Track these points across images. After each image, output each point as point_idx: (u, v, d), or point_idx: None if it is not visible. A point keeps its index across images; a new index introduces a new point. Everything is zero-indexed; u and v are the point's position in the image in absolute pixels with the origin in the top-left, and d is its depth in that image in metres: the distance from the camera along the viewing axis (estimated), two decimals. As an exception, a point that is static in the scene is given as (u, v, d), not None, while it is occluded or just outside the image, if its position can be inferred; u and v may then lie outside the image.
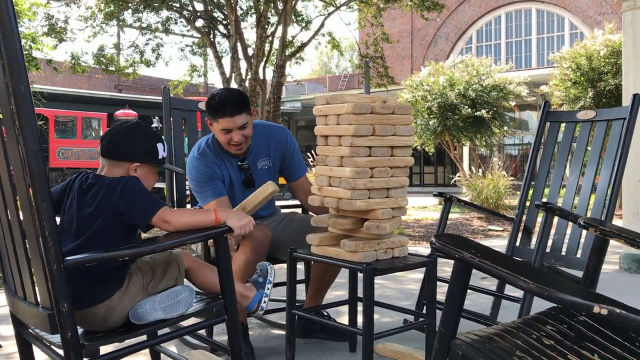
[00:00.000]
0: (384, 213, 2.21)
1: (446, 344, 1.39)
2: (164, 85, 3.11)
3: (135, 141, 1.82)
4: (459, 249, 1.31)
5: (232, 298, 1.77)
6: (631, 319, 1.04)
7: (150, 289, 1.73)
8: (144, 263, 1.76)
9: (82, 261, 1.55)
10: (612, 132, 2.72)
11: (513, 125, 14.63)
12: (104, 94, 20.14)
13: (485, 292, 2.85)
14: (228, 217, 1.76)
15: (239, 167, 2.71)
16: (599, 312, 1.07)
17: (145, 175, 1.82)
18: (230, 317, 1.76)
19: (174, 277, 1.79)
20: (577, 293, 1.16)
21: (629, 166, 4.71)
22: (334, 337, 2.78)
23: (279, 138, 2.80)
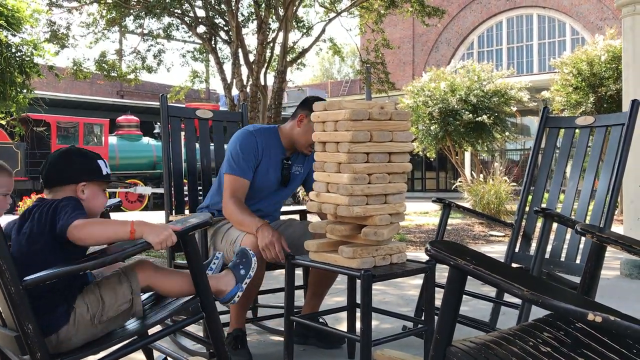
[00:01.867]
0: (382, 219, 2.21)
1: (442, 351, 1.39)
2: (162, 94, 3.12)
3: (75, 162, 1.79)
4: (453, 256, 1.31)
5: (208, 295, 1.75)
6: (625, 327, 1.04)
7: (98, 318, 1.66)
8: (88, 293, 1.69)
9: (41, 279, 1.50)
10: (611, 137, 2.71)
11: (514, 130, 14.62)
12: (106, 100, 20.20)
13: (484, 299, 2.84)
14: (145, 231, 1.64)
15: (282, 164, 2.74)
16: (593, 320, 1.07)
17: (94, 194, 1.79)
18: (208, 314, 1.75)
19: (127, 300, 1.71)
20: (572, 300, 1.16)
21: (629, 172, 4.72)
22: (327, 345, 2.78)
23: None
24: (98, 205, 1.80)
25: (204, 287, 1.75)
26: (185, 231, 1.70)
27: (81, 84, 19.37)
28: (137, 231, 1.64)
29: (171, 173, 2.96)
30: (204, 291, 1.75)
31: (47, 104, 9.81)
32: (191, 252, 1.73)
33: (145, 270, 1.80)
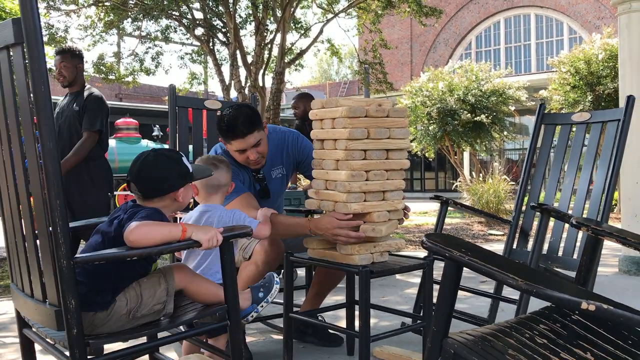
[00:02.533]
0: (380, 216, 2.22)
1: (438, 343, 1.40)
2: (171, 84, 3.11)
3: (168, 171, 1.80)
4: (449, 248, 1.32)
5: (235, 304, 1.78)
6: (619, 315, 1.05)
7: (133, 314, 1.70)
8: (129, 289, 1.72)
9: (90, 259, 1.57)
10: (606, 133, 2.73)
11: (513, 130, 14.65)
12: (104, 103, 20.17)
13: (482, 295, 2.86)
14: (194, 230, 1.70)
15: (255, 178, 2.69)
16: (586, 308, 1.08)
17: (187, 192, 1.85)
18: (232, 322, 1.77)
19: (162, 302, 1.74)
20: (566, 290, 1.17)
21: (626, 168, 4.75)
22: (325, 343, 2.79)
23: (291, 144, 2.78)
24: (189, 199, 1.87)
25: (233, 296, 1.79)
26: (230, 237, 1.76)
27: (80, 87, 19.35)
28: (188, 231, 1.70)
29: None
30: (233, 300, 1.78)
31: (45, 107, 9.81)
32: (227, 259, 1.77)
33: (183, 273, 1.85)
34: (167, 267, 1.85)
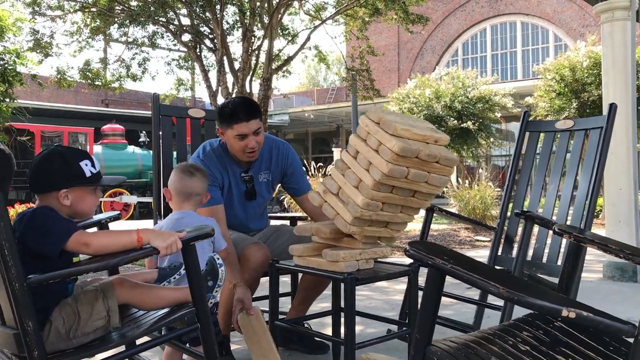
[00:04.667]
0: (370, 239, 2.23)
1: (422, 351, 1.40)
2: (154, 92, 3.10)
3: (52, 169, 1.72)
4: (431, 256, 1.33)
5: (204, 306, 1.74)
6: (598, 322, 1.06)
7: (73, 332, 1.64)
8: (66, 306, 1.67)
9: (46, 279, 1.50)
10: (590, 141, 2.75)
11: (499, 136, 14.78)
12: (90, 109, 20.07)
13: (468, 301, 2.86)
14: (152, 237, 1.64)
15: (242, 178, 2.70)
16: (567, 315, 1.08)
17: (79, 198, 1.72)
18: (203, 325, 1.74)
19: (102, 317, 1.68)
20: (547, 297, 1.17)
21: (610, 175, 4.80)
22: (311, 351, 2.78)
23: (281, 153, 2.80)
24: (86, 208, 1.75)
25: (200, 297, 1.75)
26: (189, 240, 1.70)
27: (65, 92, 19.26)
28: (144, 238, 1.64)
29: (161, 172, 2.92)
30: (200, 302, 1.75)
31: (30, 113, 9.72)
32: (191, 262, 1.73)
33: (123, 287, 1.79)
34: (106, 282, 1.79)
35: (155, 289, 1.87)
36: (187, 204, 2.35)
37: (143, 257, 1.64)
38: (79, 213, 1.75)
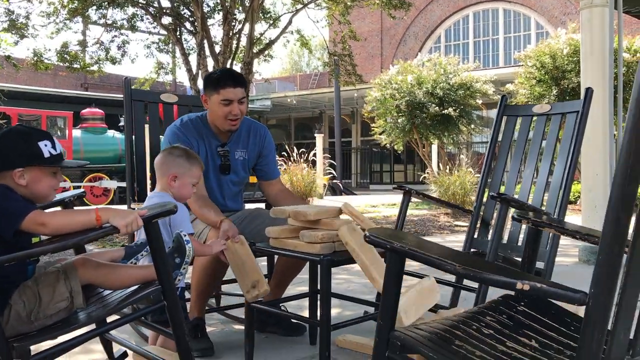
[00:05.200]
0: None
1: (385, 336, 1.41)
2: (125, 77, 3.05)
3: (8, 146, 1.67)
4: (390, 240, 1.33)
5: (170, 283, 1.72)
6: (552, 292, 1.07)
7: (35, 315, 1.61)
8: (26, 289, 1.63)
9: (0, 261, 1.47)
10: (566, 125, 2.77)
11: (480, 123, 14.83)
12: (69, 92, 19.78)
13: (443, 283, 2.88)
14: (110, 215, 1.60)
15: (218, 152, 2.73)
16: (521, 288, 1.10)
17: (36, 179, 1.68)
18: (169, 302, 1.72)
19: (65, 299, 1.65)
20: (502, 273, 1.19)
21: (586, 161, 4.85)
22: (288, 332, 2.79)
23: (259, 134, 2.85)
24: (43, 190, 1.71)
25: (166, 275, 1.72)
26: (150, 217, 1.67)
27: (43, 75, 18.94)
28: (103, 217, 1.60)
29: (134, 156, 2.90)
30: (166, 279, 1.72)
31: (7, 96, 9.57)
32: (154, 239, 1.70)
33: (86, 267, 1.76)
34: (68, 263, 1.76)
35: (119, 267, 1.85)
36: (160, 181, 2.34)
37: (103, 237, 1.61)
38: (35, 195, 1.70)
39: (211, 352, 2.53)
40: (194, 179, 2.34)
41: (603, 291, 1.03)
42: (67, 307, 1.66)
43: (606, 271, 1.02)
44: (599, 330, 1.04)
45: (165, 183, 2.33)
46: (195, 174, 2.34)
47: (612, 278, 1.03)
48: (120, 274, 1.80)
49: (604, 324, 1.04)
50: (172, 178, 2.31)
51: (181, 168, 2.32)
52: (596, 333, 1.04)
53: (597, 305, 1.03)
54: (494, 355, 1.34)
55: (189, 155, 2.36)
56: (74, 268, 1.73)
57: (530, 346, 1.42)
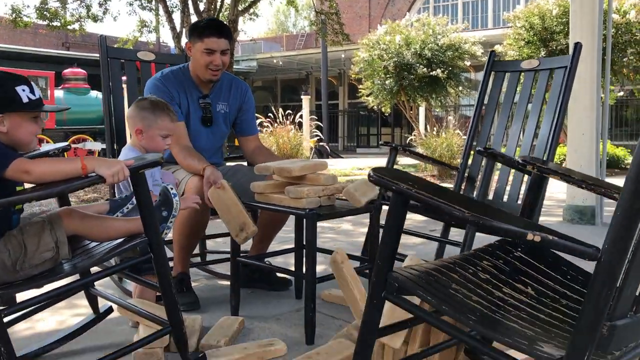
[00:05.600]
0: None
1: (383, 277, 1.39)
2: (101, 34, 2.97)
3: None
4: (395, 181, 1.30)
5: (156, 235, 1.70)
6: (563, 245, 1.06)
7: (20, 265, 1.60)
8: (11, 238, 1.62)
9: None
10: (554, 80, 2.75)
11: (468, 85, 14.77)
12: (50, 52, 19.32)
13: (429, 238, 2.90)
14: (96, 164, 1.58)
15: (199, 104, 2.72)
16: (532, 239, 1.08)
17: (15, 125, 1.64)
18: (156, 254, 1.71)
19: (50, 249, 1.64)
20: (512, 222, 1.17)
21: (573, 121, 4.85)
22: (275, 287, 2.80)
23: (240, 89, 2.86)
24: (24, 137, 1.67)
25: (152, 227, 1.70)
26: (137, 168, 1.64)
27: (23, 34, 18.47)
28: (89, 166, 1.57)
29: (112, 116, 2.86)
30: (153, 231, 1.70)
31: (-15, 54, 9.32)
32: (141, 190, 1.67)
33: (72, 218, 1.74)
34: (53, 213, 1.74)
35: (106, 219, 1.83)
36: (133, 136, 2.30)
37: (88, 186, 1.57)
38: (17, 142, 1.66)
39: (197, 305, 2.53)
40: (162, 131, 2.28)
41: (617, 247, 1.01)
42: (53, 258, 1.65)
43: (623, 227, 1.00)
44: (608, 286, 1.02)
45: (134, 137, 2.29)
46: (162, 125, 2.28)
47: (628, 235, 1.00)
48: (107, 226, 1.78)
49: (614, 280, 1.02)
50: (137, 132, 2.27)
51: (146, 120, 2.27)
52: (605, 289, 1.02)
53: (610, 261, 1.01)
54: (490, 300, 1.34)
55: (156, 106, 2.30)
56: (59, 218, 1.71)
57: (526, 293, 1.42)
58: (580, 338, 1.06)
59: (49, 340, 2.11)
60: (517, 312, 1.32)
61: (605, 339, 1.06)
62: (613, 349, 1.10)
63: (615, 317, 1.06)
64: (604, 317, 1.04)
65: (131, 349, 1.74)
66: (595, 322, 1.04)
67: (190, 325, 2.19)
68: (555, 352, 1.12)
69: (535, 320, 1.29)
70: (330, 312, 2.44)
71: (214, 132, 2.77)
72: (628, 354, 1.26)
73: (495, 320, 1.26)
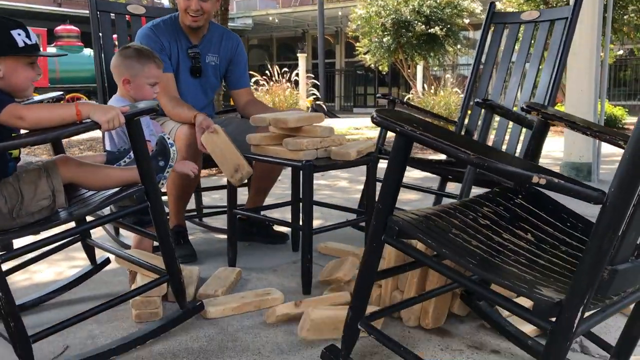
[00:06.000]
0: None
1: (383, 220, 1.39)
2: None
3: None
4: (400, 122, 1.28)
5: (153, 183, 1.69)
6: (569, 188, 1.05)
7: (16, 212, 1.59)
8: (8, 185, 1.61)
9: None
10: (554, 32, 2.70)
11: (467, 44, 14.60)
12: (42, 8, 18.93)
13: (425, 191, 2.90)
14: (91, 110, 1.55)
15: (188, 54, 2.68)
16: (537, 182, 1.06)
17: (12, 70, 1.60)
18: (153, 202, 1.70)
19: (47, 197, 1.63)
20: (517, 164, 1.16)
21: (572, 77, 4.80)
22: (271, 241, 2.81)
23: (231, 41, 2.81)
24: (21, 82, 1.64)
25: (149, 175, 1.69)
26: (132, 114, 1.62)
27: (13, -10, 18.06)
28: (83, 112, 1.55)
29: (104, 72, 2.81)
30: (149, 179, 1.69)
31: (-25, 9, 9.12)
32: (136, 137, 1.65)
33: (68, 165, 1.73)
34: (49, 161, 1.72)
35: (102, 167, 1.81)
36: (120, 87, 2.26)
37: (84, 131, 1.55)
38: (13, 87, 1.63)
39: (194, 258, 2.55)
40: (150, 79, 2.21)
41: (623, 191, 1.00)
42: (49, 206, 1.65)
43: (630, 172, 0.99)
44: (612, 230, 1.02)
45: (121, 87, 2.24)
46: (149, 73, 2.21)
47: (634, 179, 1.00)
48: (103, 174, 1.77)
49: (619, 224, 1.02)
50: (125, 82, 2.22)
51: (132, 69, 2.21)
52: (609, 232, 1.02)
53: (615, 204, 1.00)
54: (490, 245, 1.34)
55: (141, 54, 2.23)
56: (55, 166, 1.70)
57: (526, 239, 1.42)
58: (581, 281, 1.06)
59: (47, 290, 2.13)
60: (516, 257, 1.32)
61: (606, 282, 1.06)
62: (612, 293, 1.11)
63: (616, 261, 1.07)
64: (606, 261, 1.04)
65: (129, 296, 1.75)
66: (598, 265, 1.04)
67: (187, 275, 2.20)
68: (554, 295, 1.12)
69: (535, 266, 1.30)
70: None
71: (202, 84, 2.74)
72: (625, 299, 1.27)
73: (494, 264, 1.26)
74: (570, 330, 1.08)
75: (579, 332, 1.12)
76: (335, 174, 5.23)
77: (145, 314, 1.89)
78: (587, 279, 1.05)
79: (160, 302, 1.92)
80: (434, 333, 1.82)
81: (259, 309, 2.00)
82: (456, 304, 1.90)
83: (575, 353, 1.70)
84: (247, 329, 1.85)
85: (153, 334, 1.75)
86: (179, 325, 1.83)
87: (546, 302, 1.09)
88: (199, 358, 1.65)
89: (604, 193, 1.02)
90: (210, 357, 1.66)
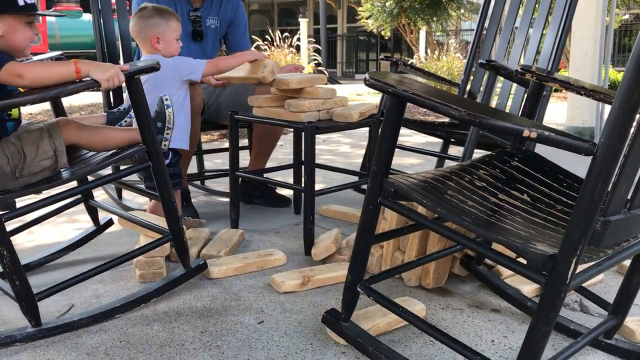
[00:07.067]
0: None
1: (379, 182, 1.39)
2: None
3: None
4: (391, 83, 1.28)
5: (154, 142, 1.69)
6: (559, 140, 1.04)
7: (19, 172, 1.59)
8: (9, 145, 1.60)
9: None
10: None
11: (470, 8, 14.37)
12: (39, -27, 18.63)
13: (427, 154, 2.89)
14: (91, 68, 1.54)
15: (189, 17, 2.66)
16: (528, 135, 1.06)
17: (11, 29, 1.59)
18: (154, 163, 1.69)
19: (49, 157, 1.63)
20: (509, 119, 1.15)
21: (576, 40, 4.75)
22: (274, 204, 2.81)
23: (231, 3, 2.79)
24: (20, 41, 1.62)
25: (150, 134, 1.68)
26: (133, 73, 1.60)
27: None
28: (83, 70, 1.54)
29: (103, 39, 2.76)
30: (150, 139, 1.68)
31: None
32: (137, 96, 1.63)
33: (69, 127, 1.72)
34: (52, 122, 1.72)
35: (103, 129, 1.81)
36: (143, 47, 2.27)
37: (83, 90, 1.54)
38: (12, 46, 1.61)
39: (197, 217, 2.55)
40: (176, 33, 2.26)
41: (613, 142, 0.99)
42: (51, 166, 1.65)
43: (619, 122, 0.98)
44: (603, 181, 1.02)
45: (150, 47, 2.24)
46: (174, 26, 2.25)
47: (624, 130, 0.99)
48: (105, 135, 1.77)
49: (609, 175, 1.02)
50: (155, 40, 2.22)
51: (158, 27, 2.22)
52: (600, 183, 1.02)
53: (606, 154, 1.00)
54: (486, 205, 1.34)
55: (160, 10, 2.26)
56: (57, 127, 1.69)
57: (522, 199, 1.43)
58: (573, 232, 1.06)
59: (50, 250, 2.15)
60: (512, 215, 1.33)
61: (599, 234, 1.07)
62: (605, 244, 1.11)
63: (609, 212, 1.07)
64: (597, 212, 1.05)
65: (132, 255, 1.76)
66: (589, 216, 1.05)
67: (196, 236, 2.22)
68: (548, 249, 1.13)
69: (530, 224, 1.30)
70: (328, 226, 2.47)
71: (203, 48, 2.71)
72: (621, 253, 1.28)
73: (490, 222, 1.27)
74: (564, 282, 1.08)
75: (573, 285, 1.12)
76: (337, 139, 5.21)
77: (148, 274, 1.91)
78: (579, 230, 1.05)
79: (163, 262, 1.94)
80: (435, 293, 1.83)
81: (261, 269, 2.02)
82: (456, 267, 1.92)
83: (575, 312, 1.72)
84: (250, 289, 1.87)
85: (157, 293, 1.77)
86: (182, 284, 1.84)
87: (540, 255, 1.10)
88: (203, 316, 1.67)
89: (594, 144, 1.02)
90: (214, 316, 1.68)
